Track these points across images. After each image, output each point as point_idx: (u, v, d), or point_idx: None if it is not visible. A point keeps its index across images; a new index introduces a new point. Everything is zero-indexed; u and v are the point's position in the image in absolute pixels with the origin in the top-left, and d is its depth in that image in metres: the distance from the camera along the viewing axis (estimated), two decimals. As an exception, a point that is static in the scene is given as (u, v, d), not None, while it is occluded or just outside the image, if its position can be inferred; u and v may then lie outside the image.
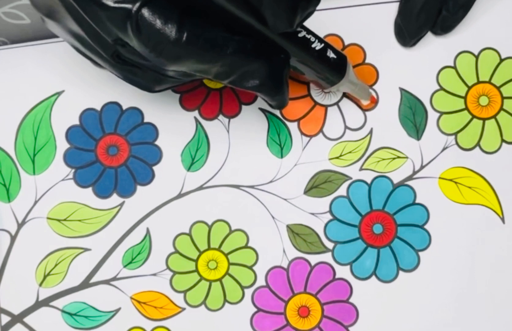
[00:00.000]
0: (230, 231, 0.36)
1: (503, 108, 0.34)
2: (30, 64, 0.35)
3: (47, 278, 0.36)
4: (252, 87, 0.27)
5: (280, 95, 0.28)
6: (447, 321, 0.35)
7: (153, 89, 0.30)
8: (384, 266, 0.35)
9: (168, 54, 0.24)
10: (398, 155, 0.35)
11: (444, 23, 0.33)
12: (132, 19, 0.23)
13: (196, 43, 0.24)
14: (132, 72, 0.28)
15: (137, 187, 0.35)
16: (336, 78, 0.31)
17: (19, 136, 0.35)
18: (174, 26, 0.24)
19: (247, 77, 0.27)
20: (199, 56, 0.25)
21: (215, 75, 0.26)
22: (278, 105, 0.29)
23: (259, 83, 0.27)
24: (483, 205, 0.35)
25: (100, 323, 0.36)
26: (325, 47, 0.29)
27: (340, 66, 0.30)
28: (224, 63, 0.26)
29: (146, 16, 0.23)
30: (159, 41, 0.24)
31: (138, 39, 0.24)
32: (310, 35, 0.28)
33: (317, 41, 0.29)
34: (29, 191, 0.35)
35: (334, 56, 0.30)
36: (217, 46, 0.25)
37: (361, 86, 0.33)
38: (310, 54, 0.29)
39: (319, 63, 0.29)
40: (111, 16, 0.23)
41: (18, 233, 0.36)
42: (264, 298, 0.36)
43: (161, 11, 0.24)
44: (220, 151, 0.35)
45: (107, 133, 0.35)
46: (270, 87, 0.28)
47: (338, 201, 0.35)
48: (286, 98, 0.29)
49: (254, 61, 0.26)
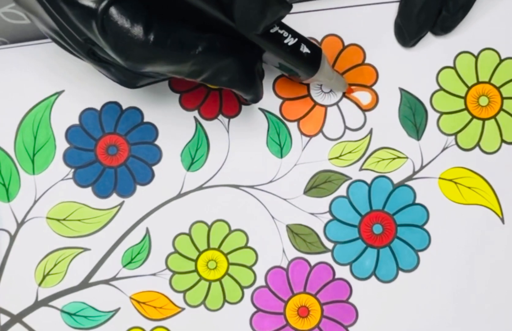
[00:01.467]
0: (230, 231, 0.35)
1: (502, 109, 0.34)
2: (30, 64, 0.35)
3: (47, 277, 0.36)
4: (225, 83, 0.27)
5: (254, 89, 0.29)
6: (446, 321, 0.35)
7: (135, 85, 0.30)
8: (384, 266, 0.35)
9: (136, 56, 0.24)
10: (398, 155, 0.35)
11: (444, 24, 0.33)
12: (98, 19, 0.23)
13: (164, 45, 0.24)
14: (108, 70, 0.28)
15: (136, 187, 0.35)
16: (310, 73, 0.30)
17: (19, 136, 0.35)
18: (141, 27, 0.23)
19: (219, 74, 0.27)
20: (168, 57, 0.25)
21: (187, 75, 0.26)
22: (253, 99, 0.29)
23: (231, 79, 0.27)
24: (482, 205, 0.35)
25: (100, 323, 0.36)
26: (298, 42, 0.29)
27: (314, 60, 0.30)
28: (195, 62, 0.25)
29: (112, 16, 0.23)
30: (126, 43, 0.23)
31: (105, 40, 0.23)
32: (283, 30, 0.28)
33: (290, 36, 0.28)
34: (29, 191, 0.35)
35: (308, 51, 0.29)
36: (186, 46, 0.25)
37: (336, 79, 0.33)
38: (282, 49, 0.28)
39: (292, 58, 0.29)
40: (78, 14, 0.23)
41: (17, 233, 0.36)
42: (263, 298, 0.36)
43: (128, 11, 0.23)
44: (220, 151, 0.35)
45: (106, 133, 0.35)
46: (242, 83, 0.28)
47: (338, 201, 0.35)
48: (259, 91, 0.29)
49: (225, 58, 0.26)
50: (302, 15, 0.34)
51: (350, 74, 0.34)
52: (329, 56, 0.34)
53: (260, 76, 0.29)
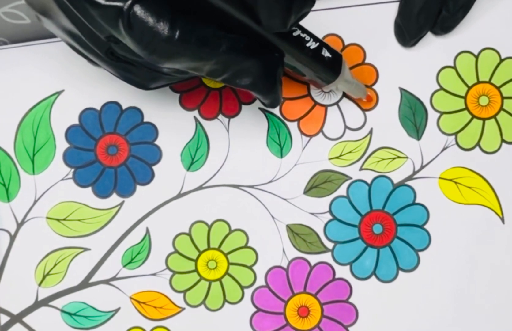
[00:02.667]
0: (230, 231, 0.35)
1: (503, 108, 0.34)
2: (30, 64, 0.35)
3: (47, 277, 0.36)
4: (245, 85, 0.27)
5: (273, 94, 0.28)
6: (446, 321, 0.35)
7: (148, 87, 0.30)
8: (384, 266, 0.35)
9: (160, 51, 0.24)
10: (398, 155, 0.35)
11: (444, 23, 0.33)
12: (124, 17, 0.23)
13: (188, 41, 0.24)
14: (126, 69, 0.28)
15: (136, 187, 0.35)
16: (331, 77, 0.31)
17: (19, 136, 0.35)
18: (166, 23, 0.24)
19: (240, 75, 0.27)
20: (192, 53, 0.25)
21: (208, 73, 0.26)
22: (271, 103, 0.29)
23: (252, 81, 0.27)
24: (483, 205, 0.35)
25: (100, 323, 0.36)
26: (320, 46, 0.29)
27: (335, 65, 0.30)
28: (218, 61, 0.25)
29: (138, 13, 0.23)
30: (152, 38, 0.24)
31: (130, 36, 0.24)
32: (305, 34, 0.28)
33: (312, 40, 0.29)
34: (29, 191, 0.35)
35: (329, 55, 0.30)
36: (210, 44, 0.25)
37: (357, 85, 0.33)
38: (304, 53, 0.29)
39: (314, 62, 0.29)
40: (103, 14, 0.23)
41: (17, 233, 0.36)
42: (263, 298, 0.36)
43: (153, 8, 0.23)
44: (220, 151, 0.35)
45: (106, 133, 0.35)
46: (263, 86, 0.28)
47: (338, 200, 0.35)
48: (279, 97, 0.29)
49: (248, 60, 0.26)
50: (302, 15, 0.34)
51: (350, 74, 0.34)
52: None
53: (280, 81, 0.29)
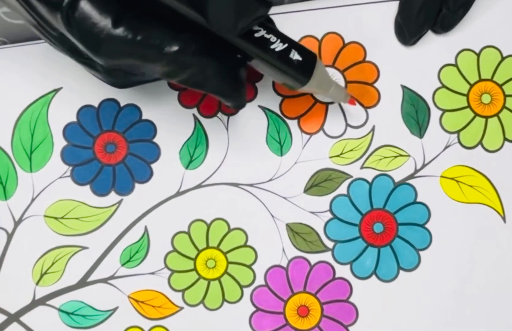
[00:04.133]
0: (229, 230, 0.35)
1: (505, 107, 0.34)
2: (28, 62, 0.35)
3: (44, 276, 0.36)
4: (203, 88, 0.26)
5: (236, 96, 0.27)
6: (447, 320, 0.35)
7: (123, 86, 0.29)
8: (385, 265, 0.35)
9: (104, 51, 0.23)
10: (400, 153, 0.34)
11: (444, 22, 0.33)
12: (63, 11, 0.22)
13: (132, 40, 0.23)
14: (93, 67, 0.27)
15: (135, 185, 0.35)
16: (299, 82, 0.28)
17: (16, 134, 0.35)
18: (109, 20, 0.23)
19: (196, 77, 0.25)
20: (137, 53, 0.24)
21: (162, 74, 0.25)
22: (235, 106, 0.28)
23: (209, 84, 0.26)
24: (484, 204, 0.35)
25: (98, 322, 0.36)
26: (288, 47, 0.27)
27: (306, 69, 0.28)
28: (168, 62, 0.24)
29: (80, 8, 0.22)
30: (93, 36, 0.23)
31: (70, 33, 0.23)
32: (271, 34, 0.26)
33: (279, 41, 0.27)
34: (26, 189, 0.35)
35: (299, 58, 0.27)
36: (157, 44, 0.24)
37: (336, 89, 0.30)
38: (268, 55, 0.27)
39: (279, 65, 0.27)
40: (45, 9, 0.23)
41: (14, 231, 0.36)
42: (263, 297, 0.36)
43: (97, 4, 0.23)
44: (219, 149, 0.35)
45: (104, 130, 0.35)
46: (221, 89, 0.26)
47: (338, 199, 0.35)
48: (242, 100, 0.28)
49: (202, 62, 0.25)
50: (302, 13, 0.34)
51: (351, 72, 0.34)
52: (330, 54, 0.34)
53: (243, 83, 0.27)
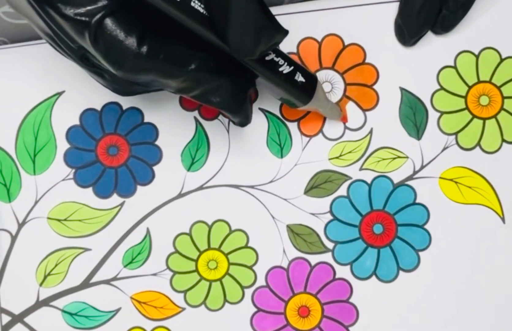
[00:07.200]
0: (230, 231, 0.35)
1: (503, 108, 0.34)
2: (30, 64, 0.35)
3: (48, 278, 0.36)
4: (214, 104, 0.28)
5: (242, 114, 0.29)
6: (447, 321, 0.35)
7: (126, 94, 0.30)
8: (384, 266, 0.35)
9: (128, 67, 0.24)
10: (399, 155, 0.35)
11: (444, 22, 0.33)
12: (91, 30, 0.23)
13: (157, 57, 0.25)
14: (100, 75, 0.28)
15: (137, 187, 0.35)
16: (302, 101, 0.30)
17: (20, 137, 0.35)
18: (135, 39, 0.24)
19: (209, 94, 0.27)
20: (160, 70, 0.25)
21: (177, 90, 0.27)
22: (240, 123, 0.30)
23: (221, 101, 0.27)
24: (483, 205, 0.35)
25: (100, 323, 0.36)
26: (294, 70, 0.29)
27: (308, 89, 0.30)
28: (186, 79, 0.26)
29: (107, 28, 0.24)
30: (119, 53, 0.24)
31: (96, 50, 0.24)
32: (280, 57, 0.28)
33: (286, 64, 0.29)
34: (30, 191, 0.35)
35: (303, 80, 0.30)
36: (179, 62, 0.25)
37: (331, 108, 0.33)
38: (277, 77, 0.28)
39: (286, 86, 0.29)
40: (72, 27, 0.24)
41: (18, 233, 0.36)
42: (264, 298, 0.36)
43: (122, 23, 0.24)
44: (220, 151, 0.35)
45: (107, 133, 0.35)
46: (231, 106, 0.28)
47: (338, 201, 0.35)
48: (248, 117, 0.30)
49: (217, 79, 0.27)
50: (302, 15, 0.34)
51: (351, 74, 0.34)
52: (330, 56, 0.34)
53: (250, 101, 0.29)
